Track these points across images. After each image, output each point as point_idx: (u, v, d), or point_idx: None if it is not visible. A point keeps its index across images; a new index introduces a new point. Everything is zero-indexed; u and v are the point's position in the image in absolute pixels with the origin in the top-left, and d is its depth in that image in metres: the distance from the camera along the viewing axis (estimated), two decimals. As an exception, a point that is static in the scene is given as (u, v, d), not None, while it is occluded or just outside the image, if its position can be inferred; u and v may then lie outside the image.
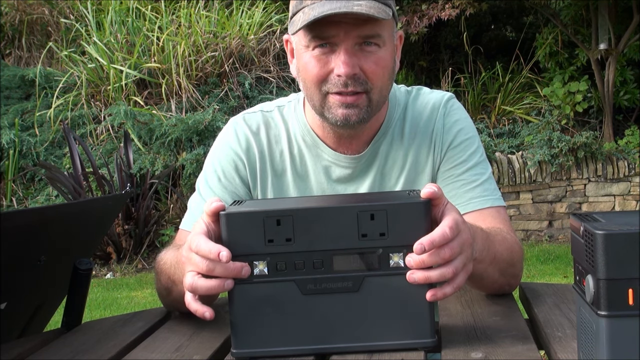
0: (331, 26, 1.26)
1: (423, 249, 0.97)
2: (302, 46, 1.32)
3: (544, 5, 7.06)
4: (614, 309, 0.77)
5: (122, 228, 5.98)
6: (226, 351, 1.10)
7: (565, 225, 6.30)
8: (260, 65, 7.53)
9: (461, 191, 1.40)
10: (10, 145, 6.78)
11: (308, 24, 1.25)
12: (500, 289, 1.32)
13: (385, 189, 1.44)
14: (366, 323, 1.01)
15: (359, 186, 1.44)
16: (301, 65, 1.34)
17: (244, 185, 1.44)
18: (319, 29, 1.27)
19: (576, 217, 0.86)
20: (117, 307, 4.69)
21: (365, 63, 1.29)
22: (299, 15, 1.29)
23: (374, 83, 1.31)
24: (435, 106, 1.45)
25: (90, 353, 1.17)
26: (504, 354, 1.00)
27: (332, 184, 1.44)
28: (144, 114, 6.74)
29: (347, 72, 1.27)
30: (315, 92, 1.33)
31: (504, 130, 6.90)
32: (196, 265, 1.01)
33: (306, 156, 1.44)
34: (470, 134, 1.45)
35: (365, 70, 1.30)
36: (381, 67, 1.31)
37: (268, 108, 1.50)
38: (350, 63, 1.27)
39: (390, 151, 1.44)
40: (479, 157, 1.44)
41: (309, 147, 1.44)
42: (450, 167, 1.42)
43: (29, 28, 8.72)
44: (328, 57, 1.30)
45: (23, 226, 1.31)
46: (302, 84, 1.36)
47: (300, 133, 1.45)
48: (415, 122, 1.45)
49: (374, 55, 1.30)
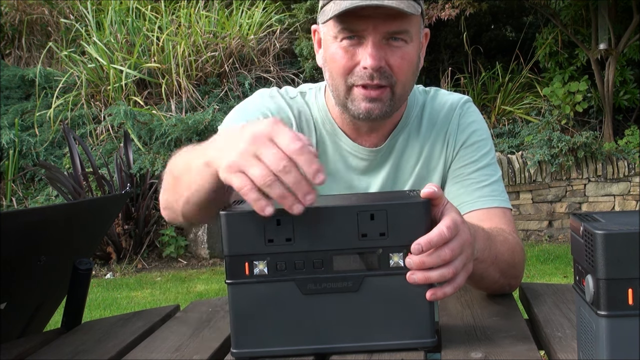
0: (361, 19, 1.28)
1: (420, 249, 0.97)
2: (331, 37, 1.33)
3: (544, 5, 7.06)
4: (614, 309, 0.77)
5: (122, 228, 5.99)
6: (226, 351, 1.10)
7: (565, 225, 6.30)
8: (260, 65, 7.53)
9: (470, 189, 1.41)
10: (10, 145, 6.79)
11: (339, 14, 1.26)
12: (501, 290, 1.32)
13: (398, 183, 1.45)
14: (366, 323, 1.01)
15: (373, 178, 1.45)
16: (328, 56, 1.35)
17: None
18: (349, 20, 1.29)
19: (576, 217, 0.86)
20: (117, 307, 4.69)
21: (392, 57, 1.30)
22: (330, 6, 1.30)
23: (398, 77, 1.32)
24: (452, 107, 1.48)
25: (90, 353, 1.17)
26: (504, 354, 1.00)
27: (348, 172, 1.45)
28: (144, 114, 6.74)
29: (373, 64, 1.28)
30: (341, 83, 1.34)
31: (504, 130, 6.90)
32: (270, 160, 0.90)
33: (327, 142, 1.45)
34: (484, 136, 1.47)
35: (391, 65, 1.31)
36: (407, 62, 1.32)
37: (292, 94, 1.50)
38: (377, 56, 1.28)
39: (407, 146, 1.45)
40: (490, 159, 1.46)
41: (329, 134, 1.45)
42: (461, 165, 1.44)
43: (29, 28, 8.73)
44: (355, 49, 1.31)
45: (23, 226, 1.31)
46: (328, 75, 1.37)
47: (321, 120, 1.46)
48: (432, 119, 1.47)
49: (401, 50, 1.31)
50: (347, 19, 1.28)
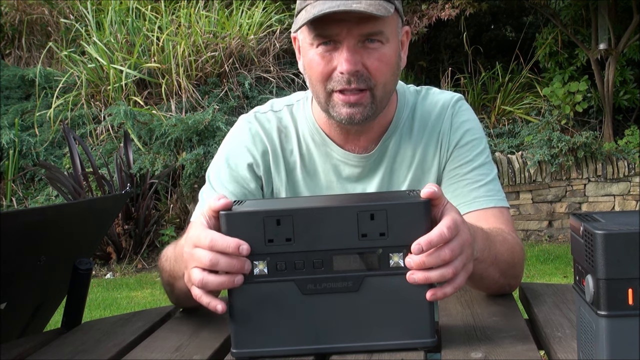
0: (333, 24, 1.27)
1: (421, 249, 0.97)
2: (307, 44, 1.33)
3: (544, 5, 7.06)
4: (614, 308, 0.78)
5: (122, 228, 5.99)
6: (226, 351, 1.10)
7: (565, 225, 6.30)
8: (260, 65, 7.53)
9: (465, 190, 1.40)
10: (10, 145, 6.79)
11: (309, 21, 1.26)
12: (501, 290, 1.32)
13: (393, 187, 1.44)
14: (366, 323, 1.01)
15: (368, 184, 1.45)
16: (306, 63, 1.35)
17: (256, 185, 1.44)
18: (321, 27, 1.28)
19: (576, 217, 0.86)
20: (117, 307, 4.69)
21: (368, 60, 1.30)
22: (302, 14, 1.30)
23: (377, 80, 1.31)
24: (444, 106, 1.46)
25: (90, 353, 1.17)
26: (504, 354, 1.00)
27: (342, 183, 1.44)
28: (143, 114, 6.74)
29: (349, 69, 1.28)
30: (321, 90, 1.34)
31: (504, 130, 6.90)
32: (199, 260, 1.00)
33: (315, 155, 1.45)
34: (478, 135, 1.46)
35: (368, 67, 1.30)
36: (384, 63, 1.31)
37: (277, 107, 1.50)
38: (353, 60, 1.28)
39: (399, 150, 1.44)
40: (485, 158, 1.45)
41: (318, 145, 1.45)
42: (456, 166, 1.43)
43: (29, 28, 8.72)
44: (332, 54, 1.30)
45: (23, 226, 1.31)
46: (309, 82, 1.37)
47: (309, 132, 1.45)
48: (423, 121, 1.45)
49: (377, 52, 1.30)
50: (319, 25, 1.27)
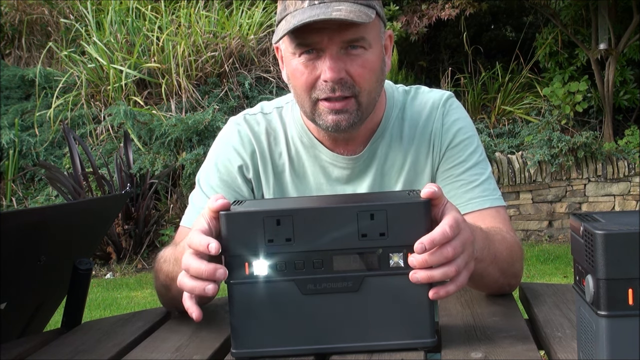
0: (314, 33, 1.26)
1: (424, 248, 0.97)
2: (289, 53, 1.32)
3: (544, 5, 7.06)
4: (614, 308, 0.77)
5: (122, 228, 5.99)
6: (226, 351, 1.10)
7: (565, 225, 6.30)
8: (260, 65, 7.53)
9: (460, 191, 1.40)
10: (10, 145, 6.79)
11: (289, 32, 1.25)
12: (501, 289, 1.32)
13: (384, 189, 1.44)
14: (366, 323, 1.01)
15: (357, 187, 1.44)
16: (290, 72, 1.34)
17: (247, 187, 1.44)
18: (302, 36, 1.27)
19: (576, 217, 0.86)
20: (117, 307, 4.69)
21: (352, 67, 1.29)
22: (282, 24, 1.29)
23: (361, 86, 1.31)
24: (434, 105, 1.45)
25: (90, 353, 1.17)
26: (504, 354, 1.00)
27: (331, 185, 1.44)
28: (143, 114, 6.74)
29: (332, 77, 1.27)
30: (306, 99, 1.33)
31: (504, 130, 6.90)
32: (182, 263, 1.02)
33: (304, 157, 1.44)
34: (469, 133, 1.44)
35: (351, 74, 1.29)
36: (368, 69, 1.30)
37: (267, 110, 1.50)
38: (336, 68, 1.27)
39: (389, 152, 1.44)
40: (479, 156, 1.43)
41: (307, 148, 1.44)
42: (450, 167, 1.42)
43: (29, 28, 8.72)
44: (315, 63, 1.29)
45: (23, 226, 1.31)
46: (293, 91, 1.36)
47: (297, 134, 1.45)
48: (414, 122, 1.44)
49: (360, 58, 1.29)
50: (300, 34, 1.27)
